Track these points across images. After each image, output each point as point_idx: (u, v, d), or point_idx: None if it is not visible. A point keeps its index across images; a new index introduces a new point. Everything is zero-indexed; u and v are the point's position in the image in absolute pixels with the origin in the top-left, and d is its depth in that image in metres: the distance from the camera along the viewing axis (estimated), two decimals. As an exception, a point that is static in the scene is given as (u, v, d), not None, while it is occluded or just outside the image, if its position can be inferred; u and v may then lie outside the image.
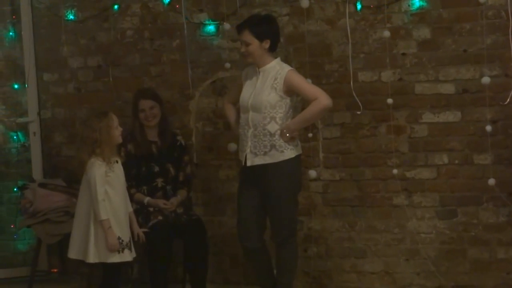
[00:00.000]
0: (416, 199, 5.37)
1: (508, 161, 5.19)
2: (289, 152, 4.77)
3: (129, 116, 5.49)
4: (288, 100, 4.77)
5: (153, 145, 5.39)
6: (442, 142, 5.31)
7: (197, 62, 5.72)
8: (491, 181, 5.05)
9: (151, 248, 5.12)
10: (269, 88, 4.74)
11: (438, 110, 5.29)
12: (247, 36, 4.75)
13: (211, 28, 5.69)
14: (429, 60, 5.29)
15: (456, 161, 5.29)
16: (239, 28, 4.81)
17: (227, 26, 5.50)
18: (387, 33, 5.21)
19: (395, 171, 5.29)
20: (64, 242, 5.65)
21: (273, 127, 4.74)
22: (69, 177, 5.92)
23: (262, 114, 4.73)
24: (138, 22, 5.85)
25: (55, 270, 6.06)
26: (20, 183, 5.95)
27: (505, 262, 5.25)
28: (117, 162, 4.70)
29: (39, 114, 6.09)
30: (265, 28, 4.78)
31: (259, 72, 4.81)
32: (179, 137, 5.50)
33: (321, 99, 4.69)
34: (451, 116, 5.28)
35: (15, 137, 6.19)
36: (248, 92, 4.82)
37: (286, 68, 4.79)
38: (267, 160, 4.75)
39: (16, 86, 6.16)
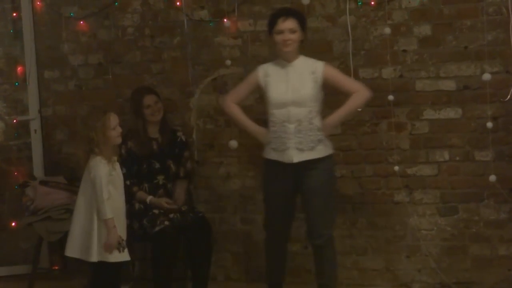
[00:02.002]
0: (417, 196, 5.37)
1: (509, 157, 5.19)
2: (330, 148, 4.77)
3: (129, 113, 5.49)
4: (323, 93, 4.77)
5: (154, 142, 5.40)
6: (443, 138, 5.31)
7: (197, 59, 5.72)
8: (492, 178, 5.05)
9: (156, 253, 5.12)
10: (310, 82, 4.69)
11: (439, 106, 5.30)
12: (295, 24, 4.69)
13: (212, 25, 5.68)
14: (430, 56, 5.29)
15: (457, 158, 5.29)
16: (286, 15, 4.71)
17: (227, 23, 5.50)
18: (387, 30, 5.22)
19: (396, 168, 5.29)
20: (65, 239, 5.65)
21: (319, 121, 4.70)
22: (70, 174, 5.92)
23: (308, 108, 4.66)
24: (138, 19, 5.84)
25: (56, 267, 6.06)
26: (21, 181, 5.94)
27: (506, 258, 5.25)
28: (116, 161, 4.71)
29: (40, 111, 6.08)
30: (305, 20, 4.78)
31: (288, 67, 4.74)
32: (179, 133, 5.51)
33: (363, 91, 4.73)
34: (452, 113, 5.28)
35: (16, 134, 6.18)
36: (282, 88, 4.71)
37: (320, 62, 4.77)
38: (314, 155, 4.68)
39: (17, 84, 6.15)
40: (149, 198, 5.29)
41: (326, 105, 4.88)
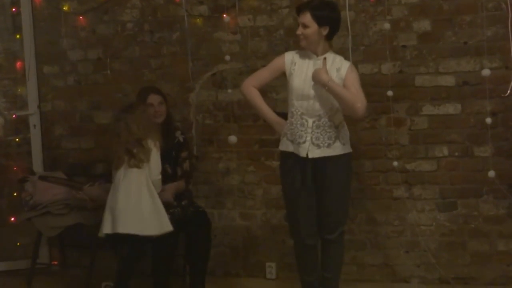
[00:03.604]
0: (416, 191, 5.38)
1: (508, 153, 5.20)
2: (348, 145, 4.67)
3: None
4: None
5: None
6: (442, 134, 5.31)
7: (197, 54, 5.72)
8: (491, 173, 5.04)
9: (156, 247, 5.10)
10: (335, 78, 4.55)
11: (438, 102, 5.30)
12: (307, 19, 4.54)
13: (211, 20, 5.68)
14: (429, 52, 5.29)
15: (456, 153, 5.30)
16: (300, 9, 4.60)
17: (227, 18, 5.50)
18: (387, 25, 5.21)
19: (395, 163, 5.29)
20: (65, 234, 5.67)
21: (339, 118, 4.62)
22: (69, 169, 5.93)
23: (330, 104, 4.55)
24: (138, 14, 5.84)
25: (55, 263, 6.06)
26: (20, 176, 5.93)
27: (505, 254, 5.26)
28: None
29: (39, 106, 6.08)
30: (327, 13, 4.57)
31: (316, 60, 4.60)
32: (177, 133, 5.37)
33: (363, 104, 4.49)
34: (451, 108, 5.29)
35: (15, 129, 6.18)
36: (307, 80, 4.58)
37: (346, 61, 4.66)
38: (331, 152, 4.57)
39: (16, 79, 6.15)
40: None
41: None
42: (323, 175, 4.61)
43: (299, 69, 4.64)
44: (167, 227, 4.86)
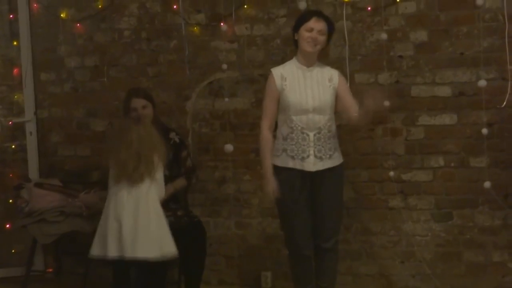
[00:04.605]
0: (412, 202, 5.37)
1: (504, 164, 5.20)
2: (341, 154, 4.72)
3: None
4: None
5: None
6: (438, 144, 5.31)
7: (194, 63, 5.72)
8: (487, 184, 5.05)
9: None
10: (329, 88, 4.62)
11: (434, 112, 5.30)
12: (324, 27, 4.62)
13: (208, 29, 5.69)
14: (426, 62, 5.30)
15: (452, 164, 5.30)
16: (315, 15, 4.64)
17: (224, 27, 5.50)
18: (384, 35, 5.22)
19: (391, 173, 5.29)
20: (59, 242, 5.66)
21: (334, 127, 4.66)
22: (65, 177, 5.92)
23: (328, 115, 4.60)
24: (135, 22, 5.84)
25: (50, 270, 6.05)
26: (16, 182, 5.92)
27: (500, 265, 5.26)
28: None
29: (35, 113, 6.07)
30: (332, 31, 4.73)
31: (306, 72, 4.66)
32: (172, 135, 5.34)
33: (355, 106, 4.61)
34: (447, 119, 5.29)
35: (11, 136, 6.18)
36: (302, 94, 4.61)
37: (334, 70, 4.72)
38: (332, 163, 4.61)
39: (12, 86, 6.15)
40: None
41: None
42: (321, 185, 4.63)
43: (292, 83, 4.65)
44: (171, 249, 4.69)
